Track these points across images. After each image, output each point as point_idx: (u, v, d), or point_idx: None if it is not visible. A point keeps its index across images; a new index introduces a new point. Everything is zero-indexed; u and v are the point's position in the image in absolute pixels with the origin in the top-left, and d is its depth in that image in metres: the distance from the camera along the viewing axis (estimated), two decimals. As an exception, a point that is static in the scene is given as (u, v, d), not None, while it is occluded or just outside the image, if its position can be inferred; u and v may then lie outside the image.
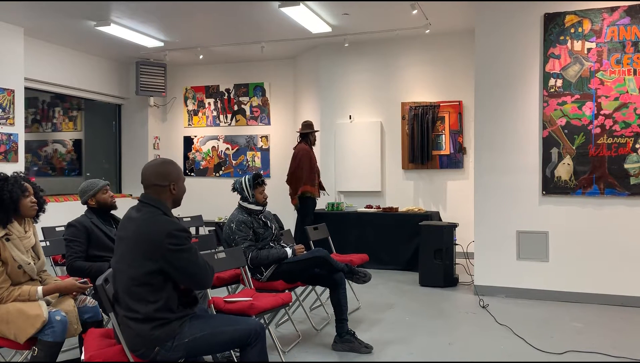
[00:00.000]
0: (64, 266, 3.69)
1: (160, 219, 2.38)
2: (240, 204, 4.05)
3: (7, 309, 2.71)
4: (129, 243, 2.36)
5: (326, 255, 3.94)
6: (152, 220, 2.37)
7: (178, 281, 2.38)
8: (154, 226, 2.34)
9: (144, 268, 2.30)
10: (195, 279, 2.40)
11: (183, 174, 2.56)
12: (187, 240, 2.36)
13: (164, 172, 2.46)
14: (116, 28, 7.01)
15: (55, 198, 7.72)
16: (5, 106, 6.87)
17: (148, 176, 2.47)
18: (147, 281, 2.31)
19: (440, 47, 7.60)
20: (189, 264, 2.35)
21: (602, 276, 5.05)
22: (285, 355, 3.70)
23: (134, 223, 2.39)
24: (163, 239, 2.29)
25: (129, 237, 2.38)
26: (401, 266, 6.68)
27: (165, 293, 2.35)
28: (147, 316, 2.32)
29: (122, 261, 2.38)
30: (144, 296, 2.32)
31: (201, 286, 2.50)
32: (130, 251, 2.35)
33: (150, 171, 2.47)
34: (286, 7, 6.13)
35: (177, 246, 2.31)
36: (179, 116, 9.74)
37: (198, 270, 2.39)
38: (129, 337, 2.35)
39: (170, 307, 2.37)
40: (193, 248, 2.38)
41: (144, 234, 2.33)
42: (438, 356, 3.72)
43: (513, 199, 5.34)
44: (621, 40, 4.96)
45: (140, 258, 2.31)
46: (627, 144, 4.94)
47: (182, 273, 2.35)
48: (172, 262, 2.31)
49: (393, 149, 7.84)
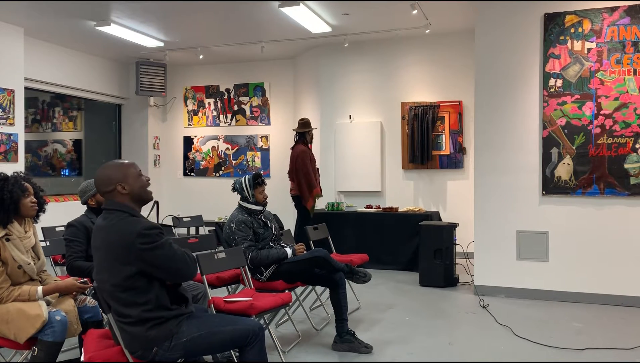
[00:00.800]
0: (64, 266, 3.69)
1: (127, 221, 2.34)
2: (240, 204, 4.05)
3: (7, 309, 2.71)
4: (103, 252, 2.34)
5: (326, 255, 3.93)
6: (119, 224, 2.33)
7: (161, 278, 2.36)
8: (122, 229, 2.31)
9: (123, 274, 2.28)
10: (176, 272, 2.38)
11: (136, 167, 2.48)
12: (159, 236, 2.32)
13: (105, 177, 2.43)
14: (116, 28, 7.01)
15: (55, 198, 7.72)
16: (5, 106, 6.87)
17: (96, 185, 2.47)
18: (130, 286, 2.29)
19: (440, 47, 7.59)
20: (166, 259, 2.32)
21: (602, 276, 5.05)
22: (285, 355, 3.70)
23: (103, 231, 2.36)
24: (134, 240, 2.26)
25: (100, 246, 2.35)
26: (401, 266, 6.68)
27: (154, 293, 2.33)
28: (140, 318, 2.30)
29: (101, 271, 2.36)
30: (132, 300, 2.30)
31: (185, 278, 2.46)
32: (105, 260, 2.33)
33: (96, 179, 2.46)
34: (286, 7, 6.13)
35: (149, 245, 2.28)
36: (179, 116, 9.74)
37: (177, 264, 2.35)
38: (126, 340, 2.35)
39: (163, 305, 2.35)
40: (167, 243, 2.34)
41: (114, 240, 2.30)
42: (438, 356, 3.72)
43: (513, 199, 5.34)
44: (621, 40, 4.96)
45: (117, 264, 2.29)
46: (627, 144, 4.94)
47: (162, 270, 2.33)
48: (149, 261, 2.29)
49: (393, 149, 7.84)
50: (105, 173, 2.43)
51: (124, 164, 2.48)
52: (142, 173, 2.51)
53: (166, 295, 2.38)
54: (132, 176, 2.44)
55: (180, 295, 2.47)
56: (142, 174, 2.50)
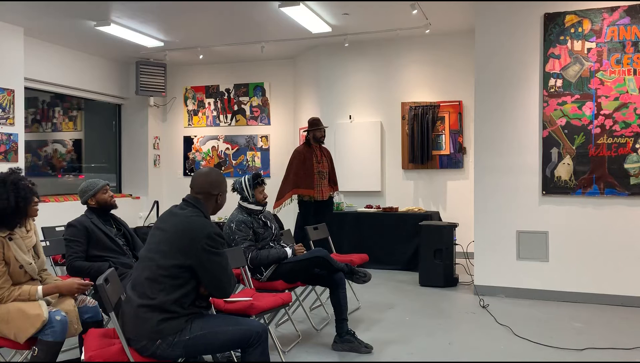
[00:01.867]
0: (64, 266, 3.69)
1: (203, 220, 2.52)
2: (240, 204, 4.05)
3: (7, 309, 2.71)
4: (168, 235, 2.46)
5: (326, 255, 3.94)
6: (195, 219, 2.50)
7: (203, 282, 2.46)
8: (197, 224, 2.47)
9: (175, 260, 2.39)
10: (219, 285, 2.49)
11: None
12: (222, 246, 2.50)
13: (217, 181, 2.65)
14: (116, 28, 7.01)
15: (55, 198, 7.72)
16: (5, 106, 6.87)
17: (201, 183, 2.63)
18: (173, 274, 2.39)
19: (440, 47, 7.60)
20: (218, 268, 2.46)
21: (602, 276, 5.05)
22: (285, 355, 3.70)
23: (177, 218, 2.51)
24: (202, 238, 2.41)
25: (168, 230, 2.48)
26: (401, 266, 6.68)
27: (185, 289, 2.42)
28: (161, 306, 2.37)
29: (155, 250, 2.46)
30: (165, 286, 2.39)
31: (222, 294, 2.57)
32: (167, 242, 2.44)
33: (205, 178, 2.64)
34: (286, 7, 6.13)
35: (212, 249, 2.43)
36: (179, 116, 9.73)
37: (224, 277, 2.49)
38: (135, 328, 2.37)
39: (183, 303, 2.42)
40: (225, 256, 2.51)
41: (185, 229, 2.44)
42: (438, 356, 3.72)
43: (513, 199, 5.34)
44: (621, 40, 4.96)
45: (176, 251, 2.40)
46: (627, 144, 4.94)
47: (210, 275, 2.44)
48: (203, 262, 2.41)
49: (393, 149, 7.84)
50: (219, 178, 2.68)
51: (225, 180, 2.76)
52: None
53: (192, 297, 2.46)
54: (226, 193, 2.74)
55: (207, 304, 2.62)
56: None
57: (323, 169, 6.18)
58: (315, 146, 6.17)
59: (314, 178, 6.09)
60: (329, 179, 6.26)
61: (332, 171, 6.33)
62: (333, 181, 6.35)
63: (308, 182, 6.04)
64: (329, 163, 6.30)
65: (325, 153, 6.29)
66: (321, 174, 6.16)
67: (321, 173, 6.16)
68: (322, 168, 6.17)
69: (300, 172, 6.05)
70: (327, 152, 6.34)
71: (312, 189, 6.06)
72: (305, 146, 6.19)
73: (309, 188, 6.05)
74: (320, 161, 6.18)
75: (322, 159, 6.20)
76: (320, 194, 6.12)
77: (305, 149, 6.16)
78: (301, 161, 6.07)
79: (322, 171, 6.17)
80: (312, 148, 6.17)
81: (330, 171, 6.30)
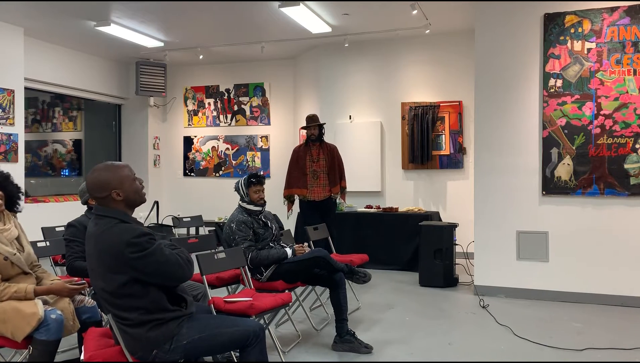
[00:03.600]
0: (64, 266, 3.69)
1: (115, 230, 2.27)
2: (240, 204, 4.05)
3: (3, 308, 2.70)
4: (95, 260, 2.30)
5: (326, 255, 3.93)
6: (107, 233, 2.27)
7: (157, 283, 2.32)
8: (111, 239, 2.25)
9: (116, 282, 2.24)
10: (171, 277, 2.34)
11: (130, 171, 2.40)
12: (149, 242, 2.26)
13: (100, 183, 2.34)
14: (116, 28, 7.01)
15: (55, 198, 7.71)
16: (5, 106, 6.87)
17: (88, 189, 2.38)
18: (125, 293, 2.26)
19: (440, 47, 7.60)
20: (159, 266, 2.27)
21: (602, 276, 5.04)
22: (285, 355, 3.70)
23: (93, 239, 2.31)
24: (123, 250, 2.21)
25: (93, 253, 2.31)
26: (401, 266, 6.68)
27: (150, 297, 2.30)
28: (139, 321, 2.29)
29: (95, 277, 2.33)
30: (130, 304, 2.28)
31: (180, 280, 2.41)
32: (98, 267, 2.29)
33: (88, 184, 2.37)
34: (286, 7, 6.13)
35: (139, 253, 2.23)
36: (179, 116, 9.74)
37: (170, 268, 2.30)
38: (127, 341, 2.34)
39: (162, 307, 2.32)
40: (157, 249, 2.28)
41: (103, 250, 2.26)
42: (438, 356, 3.71)
43: (513, 200, 5.34)
44: (621, 40, 4.96)
45: (109, 273, 2.25)
46: (627, 145, 4.94)
47: (156, 276, 2.29)
48: (141, 270, 2.24)
49: (393, 149, 7.84)
50: (99, 178, 2.34)
51: (118, 167, 2.38)
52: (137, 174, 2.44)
53: (164, 297, 2.35)
54: (127, 181, 2.37)
55: (177, 296, 2.44)
56: (136, 178, 2.43)
57: (318, 169, 5.95)
58: (313, 145, 5.98)
59: (306, 177, 5.94)
60: (329, 180, 5.99)
61: (331, 170, 5.99)
62: (333, 181, 6.00)
63: (301, 182, 5.95)
64: (329, 161, 5.98)
65: (326, 151, 6.00)
66: (315, 173, 5.95)
67: (315, 173, 5.95)
68: (317, 167, 5.95)
69: (293, 172, 6.00)
70: (329, 150, 6.02)
71: (305, 189, 5.95)
72: (302, 145, 6.09)
73: (301, 187, 5.96)
74: (317, 160, 5.95)
75: (320, 158, 5.96)
76: (312, 194, 5.95)
77: (301, 148, 6.07)
78: (294, 160, 6.04)
79: (316, 171, 5.95)
80: (309, 147, 6.00)
81: (330, 170, 5.99)
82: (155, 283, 2.31)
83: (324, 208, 6.03)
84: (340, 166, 6.11)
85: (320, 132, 5.98)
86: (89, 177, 2.38)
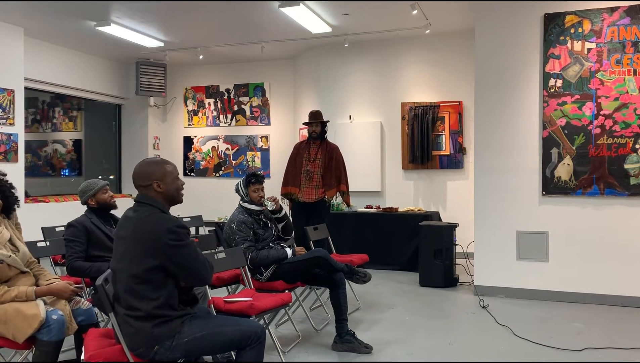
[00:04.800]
0: (64, 266, 3.69)
1: (158, 216, 2.41)
2: (241, 204, 4.05)
3: (4, 309, 2.70)
4: (129, 242, 2.38)
5: (326, 255, 3.93)
6: (150, 218, 2.39)
7: (178, 277, 2.40)
8: (153, 223, 2.37)
9: (144, 265, 2.32)
10: (196, 275, 2.43)
11: (175, 170, 2.57)
12: (186, 236, 2.40)
13: (145, 172, 2.49)
14: (116, 28, 7.01)
15: (55, 198, 7.71)
16: (5, 106, 6.87)
17: (134, 178, 2.52)
18: (148, 278, 2.33)
19: (440, 47, 7.60)
20: (189, 259, 2.38)
21: (602, 276, 5.04)
22: (285, 355, 3.70)
23: (132, 222, 2.42)
24: (162, 235, 2.32)
25: (128, 236, 2.40)
26: (401, 266, 6.68)
27: (166, 290, 2.36)
28: (149, 313, 2.33)
29: (122, 260, 2.39)
30: (146, 294, 2.33)
31: (201, 282, 2.52)
32: (130, 250, 2.37)
33: (135, 172, 2.52)
34: (286, 7, 6.13)
35: (176, 242, 2.34)
36: (179, 116, 9.74)
37: (198, 266, 2.41)
38: (129, 335, 2.35)
39: (172, 304, 2.38)
40: (192, 244, 2.40)
41: (143, 231, 2.36)
42: (438, 356, 3.71)
43: (513, 200, 5.34)
44: (621, 40, 4.96)
45: (141, 255, 2.33)
46: (627, 145, 4.94)
47: (182, 269, 2.38)
48: (172, 258, 2.34)
49: (393, 150, 7.84)
50: (147, 169, 2.50)
51: (164, 163, 2.55)
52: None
53: (177, 296, 2.41)
54: (170, 177, 2.51)
55: (192, 297, 2.53)
56: (179, 178, 2.57)
57: (313, 169, 5.65)
58: (313, 143, 5.71)
59: (300, 177, 5.70)
60: (323, 181, 5.66)
61: (327, 171, 5.66)
62: (328, 183, 5.65)
63: (295, 180, 5.71)
64: (326, 162, 5.66)
65: (325, 151, 5.68)
66: (309, 173, 5.65)
67: (309, 173, 5.65)
68: (312, 167, 5.65)
69: (290, 169, 5.79)
70: (328, 150, 5.70)
71: (297, 189, 5.70)
72: (304, 142, 5.85)
73: (295, 186, 5.71)
74: (313, 159, 5.66)
75: (317, 157, 5.66)
76: (303, 195, 5.67)
77: (302, 145, 5.83)
78: (293, 157, 5.83)
79: (310, 171, 5.65)
80: (309, 145, 5.73)
81: (325, 171, 5.66)
82: (179, 276, 2.39)
83: (313, 210, 5.68)
84: (339, 168, 5.74)
85: (323, 130, 5.70)
86: (137, 166, 2.53)
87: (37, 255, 3.61)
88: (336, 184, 5.72)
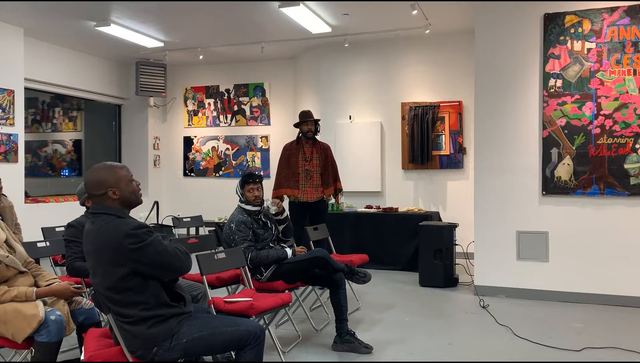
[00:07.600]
0: (64, 267, 3.69)
1: (114, 223, 2.32)
2: (239, 204, 4.05)
3: (4, 309, 2.70)
4: (94, 256, 2.33)
5: (326, 255, 3.93)
6: (107, 227, 2.31)
7: (156, 275, 2.35)
8: (110, 232, 2.29)
9: (116, 275, 2.27)
10: (170, 268, 2.37)
11: (128, 172, 2.46)
12: (147, 234, 2.31)
13: (96, 180, 2.39)
14: (116, 28, 7.01)
15: (55, 198, 7.71)
16: (5, 106, 6.87)
17: (86, 187, 2.42)
18: (125, 287, 2.28)
19: (440, 47, 7.60)
20: (157, 257, 2.30)
21: (602, 276, 5.04)
22: (285, 355, 3.70)
23: (91, 236, 2.35)
24: (122, 241, 2.25)
25: (91, 251, 2.35)
26: (401, 266, 6.68)
27: (151, 291, 2.32)
28: (140, 317, 2.30)
29: (95, 275, 2.35)
30: (129, 300, 2.30)
31: (179, 272, 2.44)
32: (99, 263, 2.32)
33: (86, 181, 2.42)
34: (286, 7, 6.13)
35: (138, 244, 2.26)
36: (179, 116, 9.74)
37: (170, 259, 2.34)
38: (127, 339, 2.34)
39: (163, 302, 2.35)
40: (156, 240, 2.32)
41: (103, 242, 2.29)
42: (438, 356, 3.71)
43: (513, 200, 5.34)
44: (621, 40, 4.96)
45: (109, 267, 2.28)
46: (627, 145, 4.94)
47: (155, 267, 2.32)
48: (140, 260, 2.27)
49: (393, 150, 7.84)
50: (97, 177, 2.39)
51: (116, 167, 2.44)
52: (137, 174, 2.50)
53: (164, 292, 2.37)
54: (124, 181, 2.42)
55: (175, 294, 2.46)
56: (133, 179, 2.48)
57: (311, 168, 5.61)
58: (306, 143, 5.64)
59: (298, 177, 5.60)
60: (322, 180, 5.65)
61: (325, 170, 5.66)
62: (326, 182, 5.66)
63: (292, 181, 5.59)
64: (323, 161, 5.66)
65: (320, 149, 5.67)
66: (308, 173, 5.60)
67: (309, 172, 5.60)
68: (310, 166, 5.61)
69: (283, 171, 5.64)
70: (322, 148, 5.70)
71: (296, 189, 5.59)
72: (294, 142, 5.71)
73: (292, 187, 5.59)
74: (310, 158, 5.62)
75: (313, 157, 5.62)
76: (305, 195, 5.60)
77: (293, 145, 5.70)
78: (285, 158, 5.66)
79: (309, 171, 5.60)
80: (302, 145, 5.65)
81: (324, 170, 5.66)
82: (155, 275, 2.34)
83: (315, 210, 5.68)
84: (334, 166, 5.81)
85: (316, 129, 5.66)
86: (87, 175, 2.43)
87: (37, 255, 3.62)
88: (333, 183, 5.78)
